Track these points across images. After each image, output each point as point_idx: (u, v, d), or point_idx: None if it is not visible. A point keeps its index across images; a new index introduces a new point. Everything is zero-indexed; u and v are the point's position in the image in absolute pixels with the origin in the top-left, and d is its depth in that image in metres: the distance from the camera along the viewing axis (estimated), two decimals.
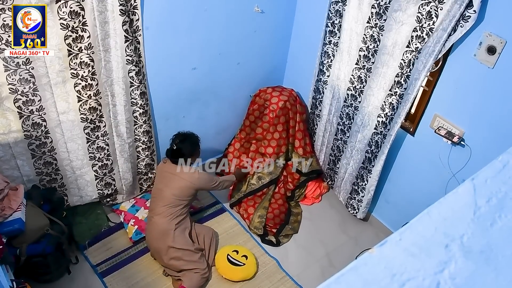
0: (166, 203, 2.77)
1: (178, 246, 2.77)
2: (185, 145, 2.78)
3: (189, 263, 2.78)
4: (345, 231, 3.39)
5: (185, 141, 2.79)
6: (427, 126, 2.72)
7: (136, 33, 2.54)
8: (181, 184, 2.77)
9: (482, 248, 0.78)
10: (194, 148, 2.84)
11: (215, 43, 3.01)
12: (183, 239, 2.81)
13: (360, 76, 2.87)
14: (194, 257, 2.81)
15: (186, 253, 2.78)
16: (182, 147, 2.77)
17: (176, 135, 2.85)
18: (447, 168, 2.66)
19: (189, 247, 2.80)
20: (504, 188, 0.88)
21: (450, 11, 2.22)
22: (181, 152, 2.77)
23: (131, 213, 3.13)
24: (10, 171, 2.60)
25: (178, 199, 2.78)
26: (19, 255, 2.47)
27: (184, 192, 2.79)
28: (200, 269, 2.79)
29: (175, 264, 2.79)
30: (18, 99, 2.36)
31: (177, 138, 2.82)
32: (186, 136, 2.83)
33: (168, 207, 2.77)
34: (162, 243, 2.78)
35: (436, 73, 2.54)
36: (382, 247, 0.77)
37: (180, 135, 2.84)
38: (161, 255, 2.81)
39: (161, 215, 2.77)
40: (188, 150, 2.78)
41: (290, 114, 3.38)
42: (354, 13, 2.73)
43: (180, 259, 2.77)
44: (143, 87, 2.77)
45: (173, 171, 2.81)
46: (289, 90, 3.46)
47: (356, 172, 3.18)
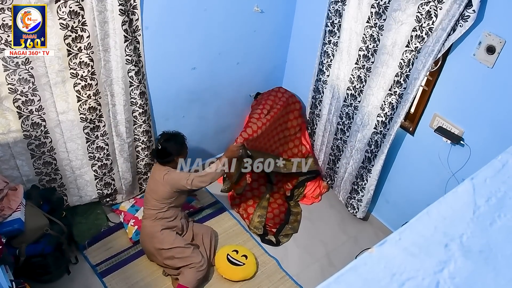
0: (149, 206, 2.77)
1: (166, 246, 2.75)
2: (170, 144, 2.74)
3: (183, 260, 2.76)
4: (345, 230, 3.39)
5: (170, 140, 2.75)
6: (426, 125, 2.72)
7: (135, 33, 2.54)
8: (156, 186, 2.73)
9: (482, 247, 0.78)
10: (180, 147, 2.78)
11: (215, 43, 3.01)
12: (171, 238, 2.78)
13: (360, 76, 2.87)
14: (185, 252, 2.77)
15: (177, 250, 2.76)
16: (167, 146, 2.72)
17: (161, 135, 2.81)
18: (446, 167, 2.66)
19: (178, 245, 2.78)
20: (504, 188, 0.88)
21: (450, 11, 2.22)
22: (167, 151, 2.72)
23: (131, 213, 3.13)
24: (9, 171, 2.60)
25: (158, 201, 2.74)
26: (19, 255, 2.47)
27: (159, 193, 2.73)
28: (194, 263, 2.76)
29: (171, 263, 2.79)
30: (18, 99, 2.36)
31: (162, 138, 2.78)
32: (171, 135, 2.79)
33: (152, 209, 2.76)
34: (151, 246, 2.80)
35: (436, 72, 2.54)
36: (382, 246, 0.77)
37: (165, 134, 2.80)
38: (155, 257, 2.84)
39: (147, 218, 2.79)
40: (174, 149, 2.73)
41: (290, 116, 3.38)
42: (354, 13, 2.73)
43: (173, 258, 2.77)
44: (142, 86, 2.77)
45: (154, 173, 2.78)
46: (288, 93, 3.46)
47: (356, 172, 3.18)
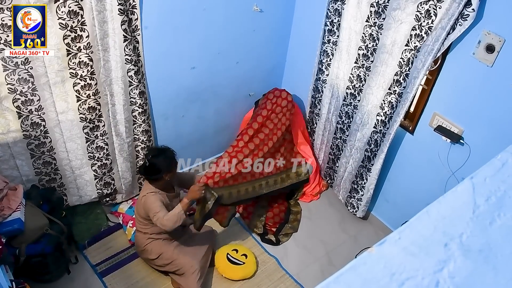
0: (136, 218, 2.72)
1: (153, 256, 2.72)
2: (159, 160, 2.54)
3: (173, 265, 2.72)
4: (345, 230, 3.39)
5: (159, 156, 2.56)
6: (426, 124, 2.72)
7: (135, 33, 2.54)
8: (138, 203, 2.65)
9: (481, 247, 0.78)
10: (170, 163, 2.58)
11: (214, 43, 3.01)
12: (157, 247, 2.70)
13: (359, 75, 2.87)
14: (173, 258, 2.70)
15: (165, 257, 2.71)
16: (156, 163, 2.53)
17: (149, 150, 2.70)
18: (446, 166, 2.66)
19: (165, 251, 2.69)
20: (503, 187, 0.88)
21: (449, 10, 2.22)
22: (155, 167, 2.53)
23: (129, 214, 3.11)
24: (9, 171, 2.60)
25: (140, 218, 2.66)
26: (19, 255, 2.47)
27: (139, 212, 2.64)
28: (184, 268, 2.69)
29: (165, 268, 2.78)
30: (17, 98, 2.36)
31: (149, 153, 2.62)
32: (160, 151, 2.61)
33: (138, 223, 2.72)
34: (141, 256, 2.84)
35: (435, 71, 2.54)
36: (382, 246, 0.77)
37: (153, 149, 2.68)
38: (149, 264, 2.86)
39: (137, 230, 2.78)
40: (163, 166, 2.53)
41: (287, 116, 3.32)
42: (353, 12, 2.72)
43: (164, 265, 2.74)
44: (142, 86, 2.77)
45: (142, 189, 2.68)
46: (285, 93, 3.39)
47: (356, 171, 3.18)
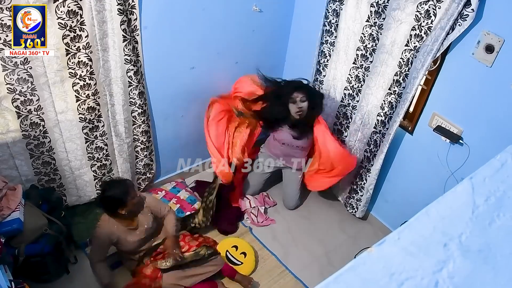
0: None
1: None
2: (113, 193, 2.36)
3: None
4: (344, 230, 3.39)
5: (111, 190, 2.38)
6: (425, 124, 2.72)
7: (134, 33, 2.54)
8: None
9: (481, 247, 0.78)
10: (123, 198, 2.37)
11: (213, 43, 3.01)
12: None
13: (358, 75, 2.87)
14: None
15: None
16: (109, 196, 2.36)
17: (102, 183, 2.65)
18: (445, 166, 2.67)
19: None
20: (503, 187, 0.88)
21: (448, 10, 2.22)
22: (109, 202, 2.38)
23: (173, 193, 3.18)
24: (8, 171, 2.60)
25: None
26: (18, 255, 2.47)
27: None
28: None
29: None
30: (16, 98, 2.36)
31: (102, 186, 2.50)
32: (114, 184, 2.44)
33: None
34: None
35: (435, 71, 2.54)
36: (381, 246, 0.77)
37: (107, 183, 2.52)
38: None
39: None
40: (116, 201, 2.37)
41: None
42: (352, 12, 2.72)
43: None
44: (141, 86, 2.76)
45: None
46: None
47: (355, 171, 3.18)
